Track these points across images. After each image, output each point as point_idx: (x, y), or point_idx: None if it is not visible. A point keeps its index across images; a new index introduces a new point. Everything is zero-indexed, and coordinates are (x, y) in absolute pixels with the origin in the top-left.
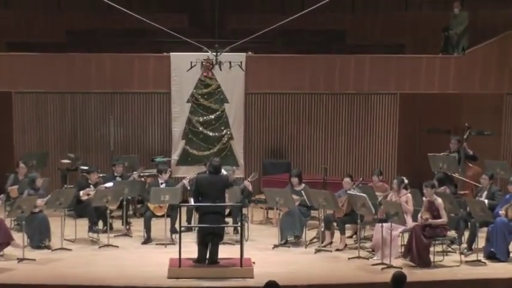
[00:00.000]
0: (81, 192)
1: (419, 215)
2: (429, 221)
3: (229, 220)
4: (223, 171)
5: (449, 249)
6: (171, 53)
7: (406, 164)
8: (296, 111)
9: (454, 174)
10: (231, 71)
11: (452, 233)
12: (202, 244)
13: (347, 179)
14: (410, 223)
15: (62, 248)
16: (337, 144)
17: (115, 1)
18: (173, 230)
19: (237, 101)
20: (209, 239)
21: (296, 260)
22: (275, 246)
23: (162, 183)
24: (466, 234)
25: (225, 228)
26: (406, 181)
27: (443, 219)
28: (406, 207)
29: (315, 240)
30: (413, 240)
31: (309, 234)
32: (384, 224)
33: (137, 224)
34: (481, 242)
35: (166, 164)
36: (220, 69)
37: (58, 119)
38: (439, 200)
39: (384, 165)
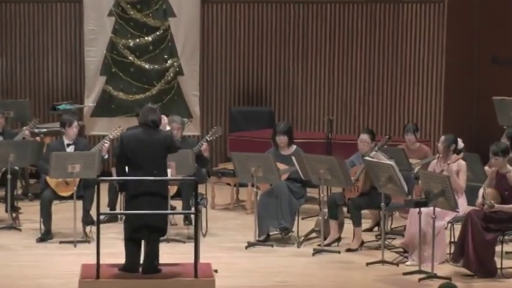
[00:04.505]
0: None
1: (479, 194)
2: (496, 207)
3: (177, 204)
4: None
5: None
6: None
7: (458, 114)
8: (283, 30)
9: None
10: None
11: None
12: (132, 242)
13: (365, 137)
14: (464, 207)
15: None
16: (349, 83)
17: None
18: (87, 220)
19: (189, 14)
20: (144, 235)
21: (284, 266)
22: (250, 244)
23: (69, 145)
24: None
25: (170, 217)
26: (460, 143)
27: None
28: (458, 182)
29: (314, 235)
30: (469, 235)
31: (304, 225)
32: (423, 210)
33: (30, 211)
34: None
35: (75, 115)
36: None
37: None
38: None
39: (423, 116)
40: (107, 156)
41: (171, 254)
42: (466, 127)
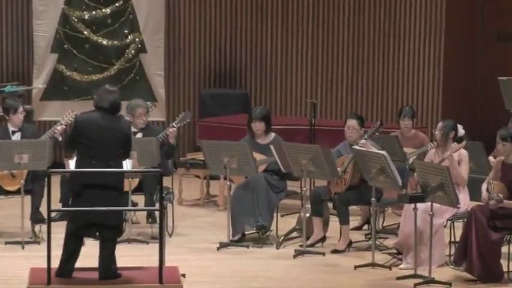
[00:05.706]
0: None
1: (483, 188)
2: (504, 203)
3: (139, 199)
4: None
5: None
6: None
7: (459, 98)
8: (260, 1)
9: None
10: None
11: None
12: (75, 240)
13: (352, 123)
14: (466, 203)
15: None
16: (335, 62)
17: None
18: (36, 218)
19: None
20: (94, 232)
21: (261, 270)
22: (222, 245)
23: (14, 132)
24: None
25: (131, 214)
26: (461, 129)
27: None
28: (460, 173)
29: (295, 234)
30: (473, 235)
31: (284, 223)
32: (419, 206)
33: None
34: None
35: (22, 98)
36: None
37: None
38: None
39: (419, 99)
40: (61, 139)
41: (132, 256)
42: (468, 112)
